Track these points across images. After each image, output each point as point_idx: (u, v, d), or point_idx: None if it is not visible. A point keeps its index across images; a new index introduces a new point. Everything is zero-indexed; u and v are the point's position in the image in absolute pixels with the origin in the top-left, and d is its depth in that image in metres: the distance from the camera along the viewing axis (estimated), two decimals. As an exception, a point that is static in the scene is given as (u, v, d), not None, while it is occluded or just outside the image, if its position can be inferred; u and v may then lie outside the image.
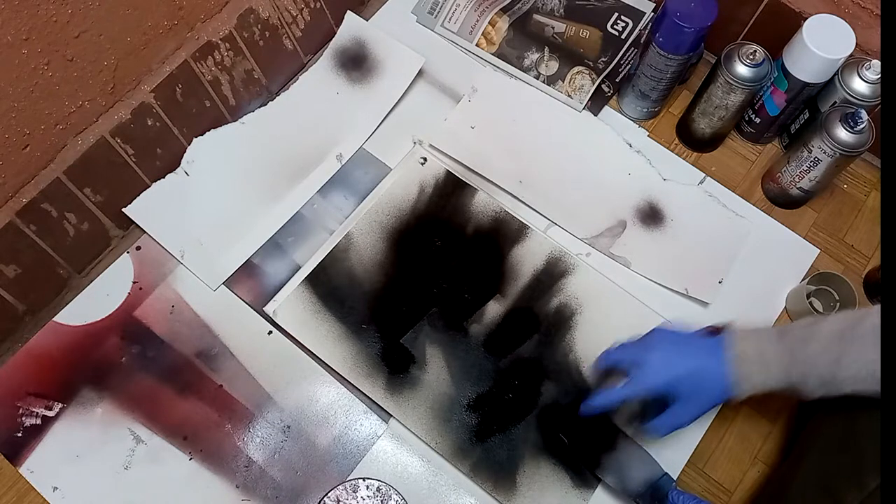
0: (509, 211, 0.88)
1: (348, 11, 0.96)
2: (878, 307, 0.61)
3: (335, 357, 0.80)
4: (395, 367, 0.80)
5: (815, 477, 0.67)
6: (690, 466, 0.78)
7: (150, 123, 0.81)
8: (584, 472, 0.76)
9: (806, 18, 0.80)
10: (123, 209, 0.84)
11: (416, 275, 0.84)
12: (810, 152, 0.81)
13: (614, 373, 0.74)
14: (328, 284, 0.83)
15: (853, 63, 0.81)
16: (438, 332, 0.81)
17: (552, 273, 0.85)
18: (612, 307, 0.84)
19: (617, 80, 0.95)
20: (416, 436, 0.77)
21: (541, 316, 0.83)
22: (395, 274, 0.84)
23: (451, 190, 0.88)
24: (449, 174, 0.89)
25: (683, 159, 0.93)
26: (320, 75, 0.94)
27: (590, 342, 0.81)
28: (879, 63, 0.79)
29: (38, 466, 0.75)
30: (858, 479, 0.61)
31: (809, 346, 0.62)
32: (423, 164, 0.90)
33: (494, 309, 0.83)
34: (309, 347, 0.80)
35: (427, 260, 0.85)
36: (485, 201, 0.88)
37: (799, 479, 0.68)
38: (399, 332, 0.81)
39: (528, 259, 0.85)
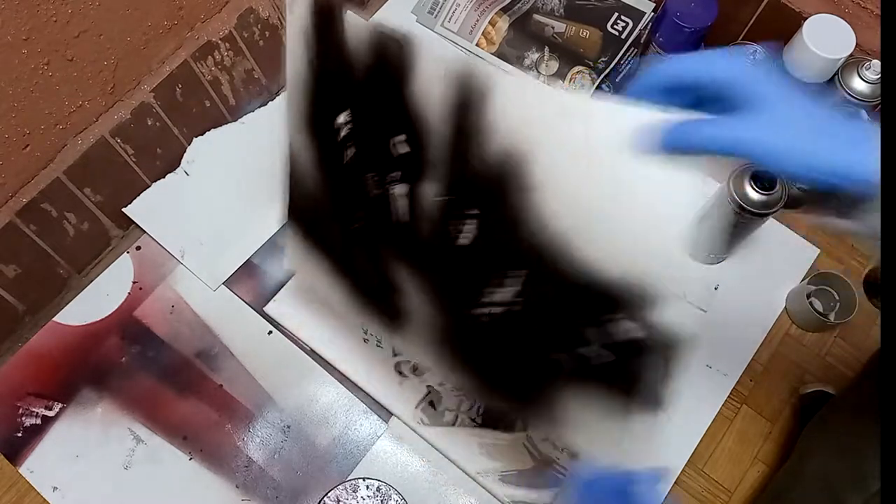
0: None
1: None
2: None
3: (336, 356, 0.80)
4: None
5: (817, 479, 0.67)
6: (690, 466, 0.78)
7: (150, 123, 0.81)
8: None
9: (806, 18, 0.80)
10: (123, 209, 0.84)
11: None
12: (810, 152, 0.81)
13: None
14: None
15: (853, 63, 0.81)
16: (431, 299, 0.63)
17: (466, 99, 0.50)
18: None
19: (617, 80, 0.95)
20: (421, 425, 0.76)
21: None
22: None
23: None
24: None
25: (683, 159, 0.93)
26: (320, 75, 0.94)
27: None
28: (879, 63, 0.79)
29: (38, 466, 0.75)
30: (861, 482, 0.61)
31: None
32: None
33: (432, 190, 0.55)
34: (310, 347, 0.80)
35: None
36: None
37: (801, 481, 0.68)
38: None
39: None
